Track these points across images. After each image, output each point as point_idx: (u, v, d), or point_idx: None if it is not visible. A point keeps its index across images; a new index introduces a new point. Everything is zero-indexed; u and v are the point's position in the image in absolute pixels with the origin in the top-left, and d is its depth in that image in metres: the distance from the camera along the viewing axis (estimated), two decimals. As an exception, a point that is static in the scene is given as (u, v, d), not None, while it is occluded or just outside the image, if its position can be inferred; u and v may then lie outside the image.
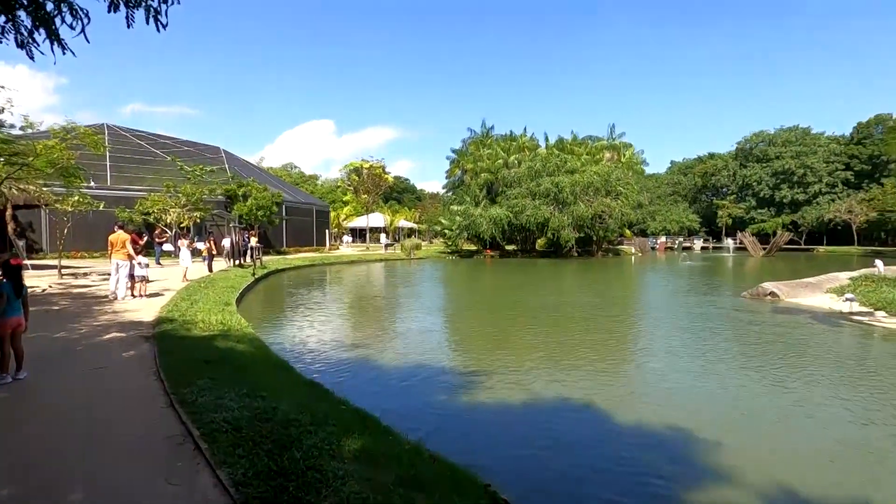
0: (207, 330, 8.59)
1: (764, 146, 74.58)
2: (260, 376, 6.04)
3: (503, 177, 43.90)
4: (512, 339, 10.59)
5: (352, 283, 23.82)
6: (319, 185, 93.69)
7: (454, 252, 43.89)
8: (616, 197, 42.53)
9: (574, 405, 6.44)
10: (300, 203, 42.79)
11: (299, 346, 9.39)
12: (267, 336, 9.84)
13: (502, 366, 8.21)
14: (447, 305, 16.35)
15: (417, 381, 7.46)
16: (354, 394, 6.16)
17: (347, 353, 8.98)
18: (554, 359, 8.85)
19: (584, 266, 34.71)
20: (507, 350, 9.53)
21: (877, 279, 16.94)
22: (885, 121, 65.89)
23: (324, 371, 7.71)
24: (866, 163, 65.58)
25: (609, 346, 9.99)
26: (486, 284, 22.94)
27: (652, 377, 7.77)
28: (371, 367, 8.12)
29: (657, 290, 19.94)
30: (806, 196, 67.95)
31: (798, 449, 5.26)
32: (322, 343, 9.80)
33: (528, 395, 6.76)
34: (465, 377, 7.60)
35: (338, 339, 10.37)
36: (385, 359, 8.67)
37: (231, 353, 7.03)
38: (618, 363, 8.76)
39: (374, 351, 9.25)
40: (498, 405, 6.42)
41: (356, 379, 7.46)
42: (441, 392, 6.93)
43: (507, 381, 7.36)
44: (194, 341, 7.60)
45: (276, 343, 9.45)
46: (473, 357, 8.95)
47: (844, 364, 8.60)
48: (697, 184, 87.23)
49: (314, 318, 12.98)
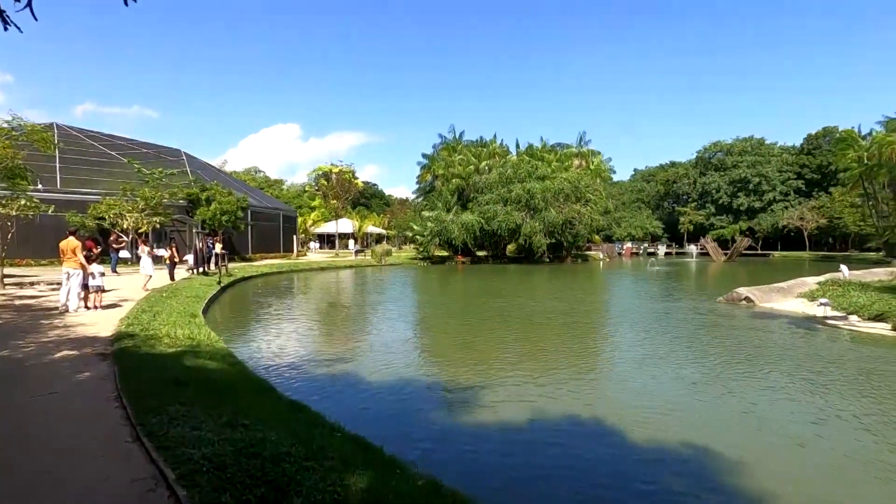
0: (174, 345, 7.80)
1: (722, 155, 77.57)
2: (239, 399, 5.40)
3: (474, 183, 43.78)
4: (502, 349, 10.19)
5: (324, 291, 22.97)
6: (285, 189, 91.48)
7: (426, 258, 43.38)
8: (586, 203, 43.07)
9: (578, 420, 6.07)
10: (266, 208, 41.39)
11: (277, 362, 8.69)
12: (241, 351, 9.09)
13: (496, 379, 7.79)
14: (425, 314, 15.83)
15: (406, 396, 6.95)
16: (345, 415, 5.59)
17: (329, 368, 8.36)
18: (552, 370, 8.49)
19: (556, 272, 34.83)
20: (500, 361, 9.11)
21: (842, 283, 17.50)
22: (832, 132, 69.49)
23: (307, 390, 7.07)
24: (816, 172, 69.03)
25: (607, 358, 9.72)
26: (463, 291, 22.54)
27: (672, 391, 7.50)
28: (356, 383, 7.53)
29: (635, 296, 20.01)
30: (761, 203, 70.90)
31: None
32: (301, 358, 9.12)
33: (525, 411, 6.34)
34: (455, 392, 7.13)
35: (316, 352, 9.71)
36: (369, 373, 8.09)
37: (203, 372, 6.33)
38: (625, 377, 8.47)
39: (357, 365, 8.65)
40: (494, 423, 5.98)
41: (343, 397, 6.88)
42: (431, 409, 6.45)
43: (501, 396, 6.94)
44: (160, 359, 6.83)
45: (252, 359, 8.72)
46: (461, 369, 8.48)
47: (843, 371, 8.58)
48: (660, 191, 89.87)
49: (289, 330, 12.23)
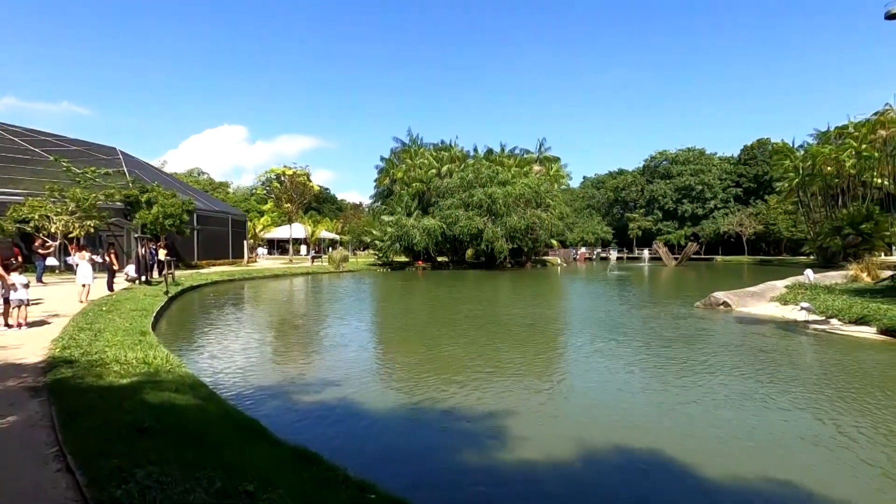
0: (127, 374, 6.36)
1: (667, 164, 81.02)
2: (227, 450, 4.19)
3: (435, 187, 42.95)
4: (507, 366, 9.30)
5: (283, 300, 21.30)
6: (231, 193, 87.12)
7: (385, 264, 42.02)
8: (546, 209, 43.24)
9: (598, 447, 5.27)
10: (214, 211, 38.68)
11: (252, 389, 7.37)
12: (208, 376, 7.69)
13: (510, 405, 6.89)
14: (401, 324, 14.70)
15: (418, 429, 5.92)
16: (365, 463, 4.52)
17: (317, 395, 7.15)
18: (550, 390, 7.69)
19: (520, 277, 34.53)
20: (509, 383, 8.22)
21: (809, 287, 17.97)
22: (766, 144, 74.29)
23: (301, 426, 5.86)
24: (752, 181, 73.32)
25: (606, 371, 9.02)
26: (434, 299, 21.52)
27: (702, 418, 6.84)
28: (357, 414, 6.40)
29: (612, 302, 19.72)
30: (704, 210, 74.47)
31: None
32: (279, 382, 7.83)
33: (559, 446, 5.49)
34: (475, 422, 6.17)
35: (295, 374, 8.43)
36: (362, 398, 6.98)
37: (171, 410, 5.02)
38: (643, 398, 7.77)
39: (348, 388, 7.49)
40: (540, 462, 5.08)
41: (351, 434, 5.72)
42: (455, 447, 5.46)
43: (521, 425, 6.04)
44: (112, 394, 5.42)
45: (223, 386, 7.34)
46: (465, 389, 7.52)
47: (853, 381, 8.31)
48: (609, 198, 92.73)
49: (256, 347, 10.81)
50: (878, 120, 42.44)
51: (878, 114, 42.94)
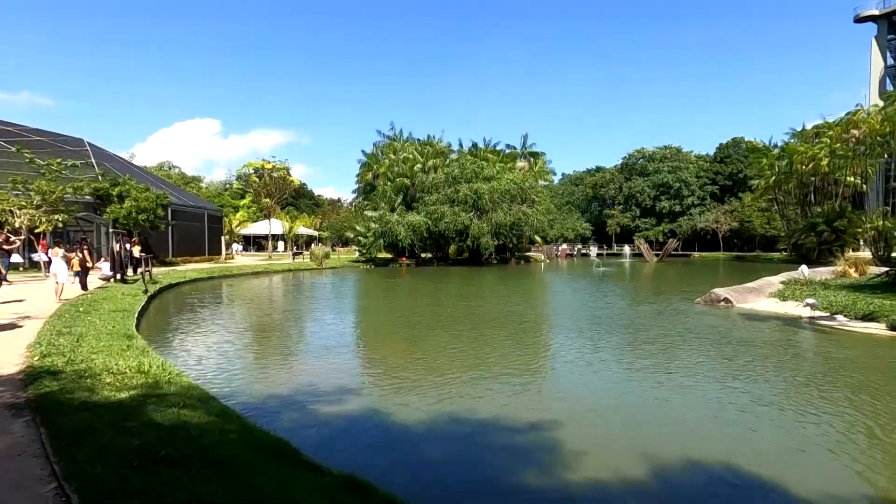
0: (123, 386, 5.58)
1: (644, 161, 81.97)
2: (262, 480, 3.54)
3: (420, 182, 42.23)
4: (529, 370, 8.80)
5: (269, 299, 20.38)
6: (204, 187, 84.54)
7: (369, 260, 41.14)
8: (532, 205, 43.04)
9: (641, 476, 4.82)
10: (190, 206, 37.14)
11: (265, 400, 6.65)
12: (214, 387, 6.92)
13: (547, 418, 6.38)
14: (408, 324, 14.02)
15: (462, 444, 5.35)
16: (419, 490, 3.93)
17: (337, 405, 6.48)
18: (566, 397, 7.23)
19: (507, 274, 34.19)
20: (531, 393, 7.71)
21: (804, 283, 18.06)
22: (740, 143, 75.95)
23: (331, 443, 5.22)
24: (728, 179, 74.85)
25: (641, 374, 8.61)
26: (430, 296, 20.90)
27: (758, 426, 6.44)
28: (385, 426, 5.78)
29: (611, 300, 19.34)
30: (682, 207, 75.67)
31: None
32: (292, 391, 7.13)
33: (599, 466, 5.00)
34: (521, 434, 5.63)
35: (308, 381, 7.72)
36: (384, 406, 6.37)
37: (185, 432, 4.31)
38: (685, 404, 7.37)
39: (363, 395, 6.87)
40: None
41: (388, 451, 5.11)
42: (505, 466, 4.91)
43: (573, 438, 5.54)
44: (111, 412, 4.67)
45: (230, 397, 6.59)
46: (521, 404, 6.98)
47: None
48: (588, 194, 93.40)
49: (255, 352, 10.05)
50: (850, 120, 43.61)
51: (851, 114, 44.12)
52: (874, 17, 64.26)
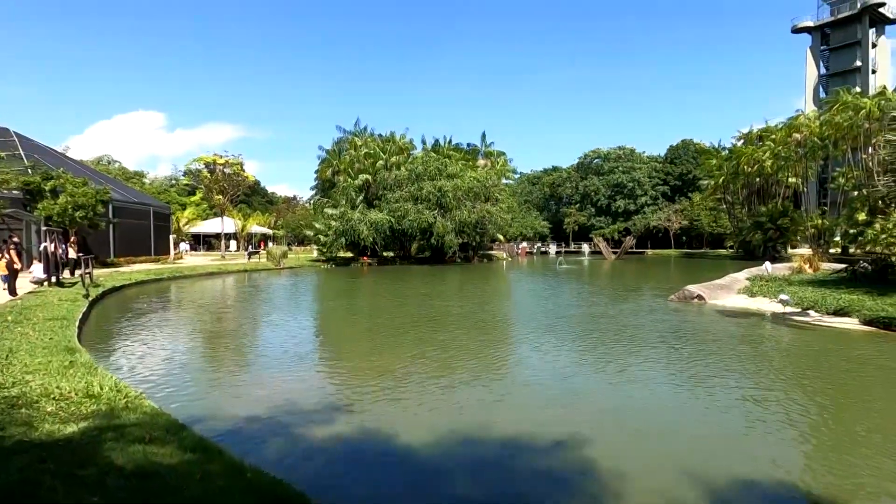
0: (70, 416, 4.57)
1: (600, 161, 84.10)
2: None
3: (382, 179, 41.13)
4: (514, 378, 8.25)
5: (230, 301, 18.95)
6: (148, 183, 79.67)
7: (330, 260, 39.68)
8: (495, 203, 42.88)
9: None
10: (134, 203, 34.52)
11: (241, 423, 5.73)
12: (180, 409, 5.90)
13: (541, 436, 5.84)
14: (389, 330, 13.19)
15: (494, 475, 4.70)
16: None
17: (325, 426, 5.67)
18: (566, 402, 6.77)
19: (472, 272, 33.80)
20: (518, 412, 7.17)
21: (769, 279, 18.58)
22: (689, 145, 79.20)
23: (335, 478, 4.43)
24: (678, 179, 77.80)
25: (627, 377, 8.25)
26: (399, 297, 20.06)
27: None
28: (405, 454, 5.05)
29: (581, 298, 19.23)
30: (635, 206, 78.01)
31: None
32: (268, 410, 6.22)
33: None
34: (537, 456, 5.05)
35: (284, 398, 6.83)
36: (378, 425, 5.64)
37: (159, 480, 3.42)
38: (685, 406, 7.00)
39: (350, 414, 6.10)
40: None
41: (403, 485, 4.38)
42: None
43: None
44: (57, 455, 3.70)
45: (205, 422, 5.62)
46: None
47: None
48: (545, 193, 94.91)
49: (219, 365, 8.99)
50: (792, 124, 46.14)
51: (793, 118, 46.68)
52: (809, 29, 68.42)
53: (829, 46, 67.22)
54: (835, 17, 65.24)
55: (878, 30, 64.66)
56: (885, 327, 11.16)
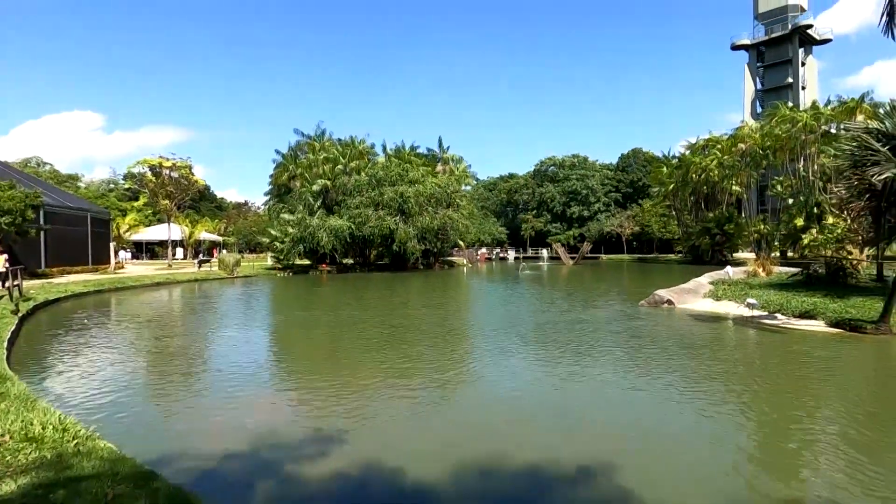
0: (4, 469, 3.69)
1: (555, 169, 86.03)
2: None
3: (342, 184, 40.02)
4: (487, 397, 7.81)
5: (182, 315, 17.51)
6: (83, 187, 74.45)
7: (287, 268, 38.10)
8: (457, 209, 42.66)
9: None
10: (68, 208, 31.83)
11: (223, 461, 4.94)
12: (141, 449, 5.03)
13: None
14: (364, 348, 12.42)
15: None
16: None
17: (332, 461, 5.00)
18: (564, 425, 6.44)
19: (436, 279, 33.31)
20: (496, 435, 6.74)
21: (730, 283, 19.14)
22: (639, 153, 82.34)
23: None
24: (629, 186, 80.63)
25: (619, 389, 8.00)
26: (368, 307, 19.22)
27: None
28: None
29: (552, 304, 19.04)
30: (589, 213, 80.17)
31: None
32: (256, 440, 5.45)
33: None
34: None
35: (270, 426, 6.07)
36: (383, 467, 5.03)
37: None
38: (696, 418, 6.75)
39: (361, 447, 5.45)
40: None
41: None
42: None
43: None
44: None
45: (176, 464, 4.79)
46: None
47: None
48: (503, 200, 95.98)
49: (186, 387, 8.03)
50: (737, 134, 48.72)
51: (738, 129, 49.29)
52: (746, 47, 72.92)
53: (764, 63, 71.82)
54: (769, 37, 69.79)
55: (807, 49, 69.70)
56: (853, 329, 11.54)
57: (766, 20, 70.30)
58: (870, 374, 8.88)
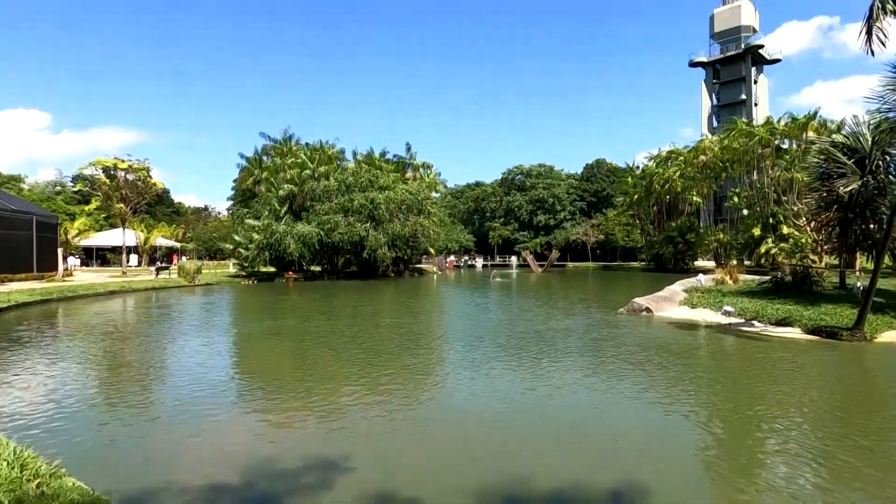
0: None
1: (522, 178, 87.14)
2: None
3: (310, 189, 38.96)
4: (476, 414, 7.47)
5: (142, 327, 16.25)
6: (26, 189, 70.08)
7: (251, 275, 36.64)
8: (428, 216, 42.29)
9: None
10: (10, 211, 29.54)
11: (213, 499, 4.36)
12: (116, 486, 4.36)
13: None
14: (340, 363, 11.78)
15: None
16: None
17: (314, 495, 4.49)
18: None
19: (407, 287, 32.75)
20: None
21: (703, 290, 19.52)
22: (602, 164, 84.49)
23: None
24: (593, 196, 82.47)
25: (627, 402, 7.80)
26: (343, 317, 18.51)
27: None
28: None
29: (535, 313, 18.66)
30: (556, 221, 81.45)
31: None
32: (245, 471, 4.88)
33: None
34: None
35: (263, 455, 5.49)
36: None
37: None
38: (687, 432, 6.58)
39: (349, 481, 4.96)
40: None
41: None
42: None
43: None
44: None
45: (153, 502, 4.18)
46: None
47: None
48: (470, 207, 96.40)
49: (156, 411, 7.27)
50: (698, 147, 50.56)
51: (699, 142, 51.17)
52: (703, 64, 76.10)
53: (719, 80, 75.14)
54: (724, 55, 73.16)
55: (758, 68, 73.40)
56: (829, 336, 11.83)
57: (721, 39, 73.69)
58: (856, 379, 9.03)
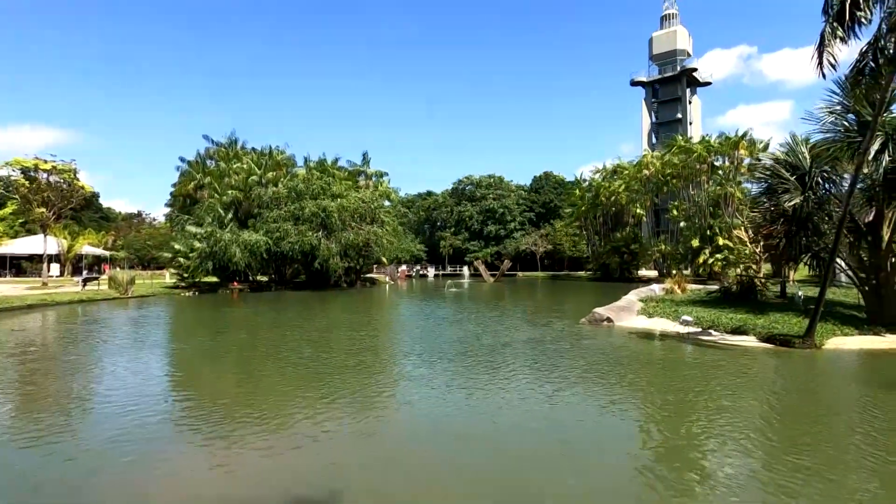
0: None
1: (472, 188, 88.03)
2: None
3: (257, 196, 37.22)
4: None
5: (69, 347, 14.54)
6: (-74, 191, 62.72)
7: (192, 286, 34.36)
8: (381, 225, 41.53)
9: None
10: None
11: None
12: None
13: None
14: (298, 384, 10.96)
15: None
16: None
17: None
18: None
19: (360, 298, 31.82)
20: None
21: (657, 300, 20.12)
22: (550, 176, 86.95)
23: None
24: (542, 207, 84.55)
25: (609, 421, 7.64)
26: (290, 329, 17.50)
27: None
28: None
29: (497, 325, 18.28)
30: (506, 231, 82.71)
31: None
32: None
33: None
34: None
35: (208, 493, 4.79)
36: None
37: None
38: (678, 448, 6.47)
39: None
40: None
41: None
42: None
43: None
44: None
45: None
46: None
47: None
48: (421, 217, 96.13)
49: (89, 444, 6.31)
50: (642, 161, 52.95)
51: (642, 157, 53.61)
52: (643, 83, 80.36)
53: (658, 100, 79.55)
54: (661, 76, 77.66)
55: (692, 90, 78.37)
56: (783, 344, 12.35)
57: (659, 61, 78.20)
58: (812, 385, 9.38)
